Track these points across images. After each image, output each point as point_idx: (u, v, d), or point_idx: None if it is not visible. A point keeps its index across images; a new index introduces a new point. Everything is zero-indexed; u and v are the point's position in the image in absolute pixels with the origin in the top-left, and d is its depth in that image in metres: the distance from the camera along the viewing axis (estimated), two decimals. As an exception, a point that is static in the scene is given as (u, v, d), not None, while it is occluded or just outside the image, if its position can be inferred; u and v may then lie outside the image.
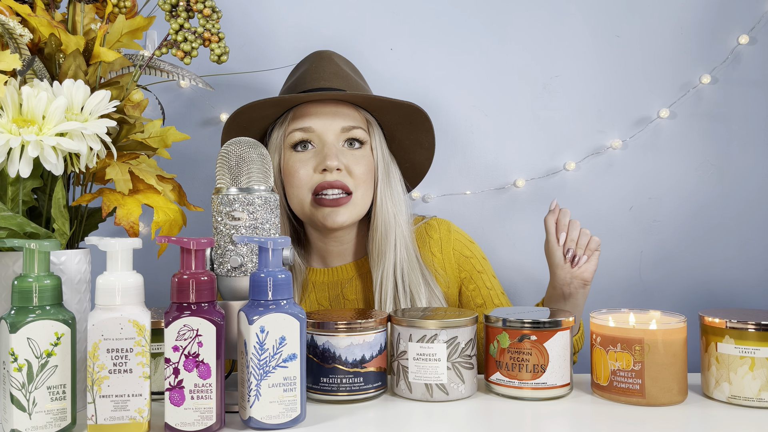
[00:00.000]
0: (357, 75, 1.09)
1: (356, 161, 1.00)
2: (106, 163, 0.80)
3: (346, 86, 1.02)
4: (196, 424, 0.66)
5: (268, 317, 0.67)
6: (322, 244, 1.08)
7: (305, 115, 1.00)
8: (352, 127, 1.01)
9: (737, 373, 0.75)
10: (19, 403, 0.64)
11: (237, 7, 1.32)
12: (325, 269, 1.08)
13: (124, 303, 0.66)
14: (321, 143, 1.00)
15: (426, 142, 1.08)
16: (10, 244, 0.66)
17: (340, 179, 0.98)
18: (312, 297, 1.07)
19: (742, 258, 1.33)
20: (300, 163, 1.00)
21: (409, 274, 1.02)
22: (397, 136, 1.08)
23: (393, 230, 1.03)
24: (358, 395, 0.77)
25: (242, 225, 0.75)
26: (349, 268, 1.08)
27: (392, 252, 1.02)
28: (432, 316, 0.79)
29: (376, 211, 1.04)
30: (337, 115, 1.00)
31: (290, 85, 1.06)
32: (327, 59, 1.06)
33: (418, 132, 1.07)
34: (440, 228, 1.10)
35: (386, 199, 1.04)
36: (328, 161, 0.97)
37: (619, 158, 1.33)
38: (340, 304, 1.06)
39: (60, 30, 0.78)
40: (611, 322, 0.79)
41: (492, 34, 1.33)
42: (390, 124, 1.06)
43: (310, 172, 1.00)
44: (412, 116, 1.04)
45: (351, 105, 1.03)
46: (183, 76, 0.91)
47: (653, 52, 1.33)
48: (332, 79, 1.02)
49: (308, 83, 1.02)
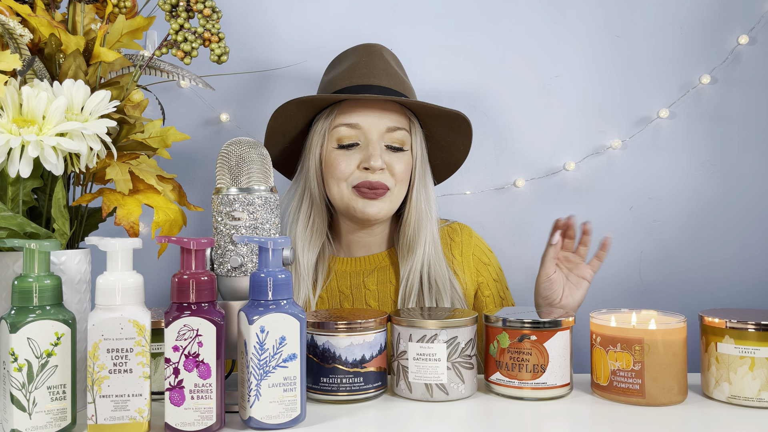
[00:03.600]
0: (402, 71, 1.10)
1: (397, 159, 1.02)
2: (106, 163, 0.80)
3: (394, 84, 1.03)
4: (196, 424, 0.66)
5: (268, 317, 0.67)
6: (351, 235, 1.09)
7: (352, 112, 1.01)
8: (396, 128, 1.02)
9: (737, 373, 0.75)
10: (19, 403, 0.64)
11: (237, 7, 1.32)
12: (349, 259, 1.09)
13: (124, 303, 0.66)
14: (366, 140, 1.01)
15: (462, 146, 1.09)
16: (11, 244, 0.66)
17: (382, 180, 1.00)
18: (333, 285, 1.07)
19: (742, 258, 1.33)
20: (342, 156, 1.02)
21: (435, 271, 1.04)
22: (435, 136, 1.08)
23: (425, 227, 1.05)
24: (358, 395, 0.77)
25: (242, 225, 0.75)
26: (373, 259, 1.09)
27: (422, 248, 1.04)
28: (432, 316, 0.79)
29: (410, 207, 1.05)
30: (383, 114, 1.01)
31: (337, 75, 1.06)
32: (377, 54, 1.06)
33: (457, 135, 1.08)
34: (462, 232, 1.12)
35: (421, 197, 1.05)
36: (372, 161, 0.99)
37: (619, 158, 1.33)
38: (360, 293, 1.07)
39: (60, 30, 0.78)
40: (611, 322, 0.79)
41: (492, 34, 1.33)
42: (430, 126, 1.07)
43: (352, 167, 1.01)
44: (455, 122, 1.05)
45: (397, 106, 1.04)
46: (183, 76, 0.91)
47: (653, 52, 1.33)
48: (382, 77, 1.03)
49: (356, 78, 1.02)
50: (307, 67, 1.32)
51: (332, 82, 1.06)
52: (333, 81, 1.06)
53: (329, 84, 1.06)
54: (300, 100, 1.01)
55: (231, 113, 1.31)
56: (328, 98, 1.01)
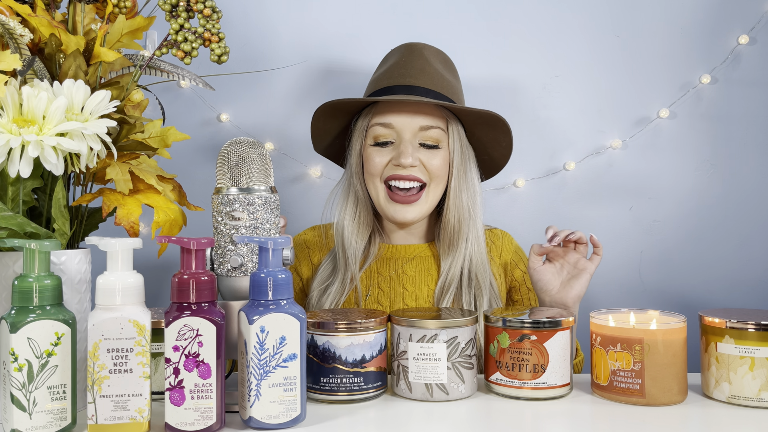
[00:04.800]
0: (447, 69, 1.10)
1: (432, 156, 1.04)
2: (107, 163, 0.80)
3: (432, 84, 1.04)
4: (196, 424, 0.66)
5: (268, 317, 0.67)
6: (392, 227, 1.12)
7: (387, 112, 1.04)
8: (430, 127, 1.04)
9: (737, 373, 0.75)
10: (20, 403, 0.64)
11: (237, 7, 1.32)
12: (391, 245, 1.11)
13: (124, 303, 0.66)
14: (399, 139, 1.04)
15: (504, 142, 1.10)
16: (11, 244, 0.66)
17: (413, 173, 1.03)
18: (373, 266, 1.09)
19: (742, 258, 1.33)
20: (377, 153, 1.05)
21: (477, 268, 1.05)
22: (476, 133, 1.09)
23: (467, 222, 1.06)
24: (358, 395, 0.77)
25: (242, 225, 0.75)
26: (414, 248, 1.11)
27: (464, 244, 1.06)
28: (432, 316, 0.79)
29: (449, 202, 1.06)
30: (417, 113, 1.03)
31: (379, 75, 1.08)
32: (417, 54, 1.07)
33: (497, 132, 1.08)
34: (504, 237, 1.15)
35: (461, 191, 1.06)
36: (402, 158, 1.01)
37: (619, 158, 1.33)
38: (399, 276, 1.08)
39: (60, 30, 0.78)
40: (611, 322, 0.79)
41: (492, 34, 1.34)
42: (470, 124, 1.08)
43: (385, 163, 1.04)
44: (490, 121, 1.06)
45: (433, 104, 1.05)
46: (183, 76, 0.91)
47: (653, 52, 1.33)
48: (419, 76, 1.04)
49: (394, 78, 1.05)
50: (307, 66, 1.32)
51: (375, 81, 1.08)
52: (376, 80, 1.08)
53: (372, 83, 1.09)
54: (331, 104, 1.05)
55: (231, 113, 1.31)
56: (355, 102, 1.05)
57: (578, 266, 0.98)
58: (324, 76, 1.33)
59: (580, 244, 0.98)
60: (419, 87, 1.03)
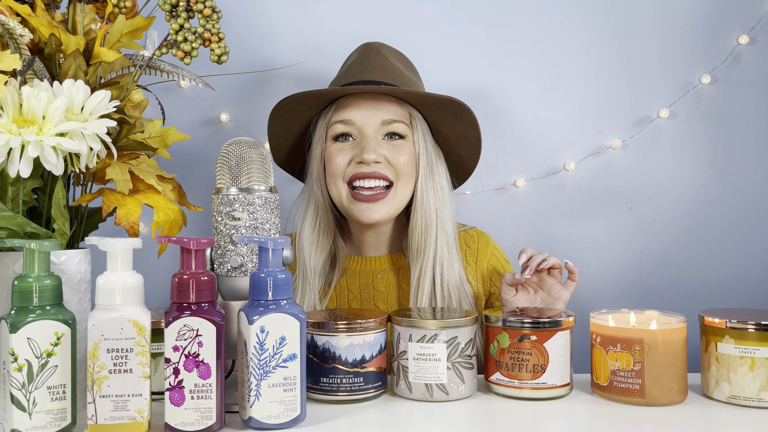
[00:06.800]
0: (406, 67, 1.08)
1: (397, 151, 1.00)
2: (106, 163, 0.80)
3: (391, 79, 1.01)
4: (196, 424, 0.66)
5: (268, 317, 0.67)
6: (360, 235, 1.08)
7: (346, 108, 1.01)
8: (392, 121, 1.00)
9: (737, 373, 0.75)
10: (19, 403, 0.64)
11: (237, 7, 1.32)
12: (359, 258, 1.08)
13: (124, 303, 0.66)
14: (360, 135, 1.00)
15: (472, 137, 1.05)
16: (10, 244, 0.66)
17: (378, 170, 0.98)
18: (343, 282, 1.06)
19: (742, 258, 1.33)
20: (338, 151, 1.01)
21: (448, 272, 1.00)
22: (443, 130, 1.05)
23: (434, 225, 1.01)
24: (358, 395, 0.77)
25: (242, 225, 0.75)
26: (383, 260, 1.07)
27: (432, 248, 1.00)
28: (432, 316, 0.79)
29: (416, 204, 1.02)
30: (377, 108, 1.00)
31: (337, 76, 1.06)
32: (374, 51, 1.05)
33: (463, 126, 1.04)
34: (479, 239, 1.09)
35: (428, 193, 1.02)
36: (365, 154, 0.97)
37: (619, 158, 1.33)
38: (369, 293, 1.05)
39: (60, 30, 0.78)
40: (611, 322, 0.79)
41: (492, 34, 1.34)
42: (434, 119, 1.04)
43: (347, 162, 1.00)
44: (455, 111, 1.02)
45: (393, 99, 1.01)
46: (183, 76, 0.91)
47: (653, 52, 1.33)
48: (377, 72, 1.02)
49: (352, 75, 1.02)
50: (307, 66, 1.32)
51: (333, 83, 1.06)
52: (334, 82, 1.06)
53: (331, 85, 1.06)
54: (284, 101, 1.01)
55: (231, 113, 1.31)
56: (305, 95, 0.99)
57: (552, 294, 0.95)
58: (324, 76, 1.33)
59: (554, 269, 0.95)
60: (378, 81, 1.00)
